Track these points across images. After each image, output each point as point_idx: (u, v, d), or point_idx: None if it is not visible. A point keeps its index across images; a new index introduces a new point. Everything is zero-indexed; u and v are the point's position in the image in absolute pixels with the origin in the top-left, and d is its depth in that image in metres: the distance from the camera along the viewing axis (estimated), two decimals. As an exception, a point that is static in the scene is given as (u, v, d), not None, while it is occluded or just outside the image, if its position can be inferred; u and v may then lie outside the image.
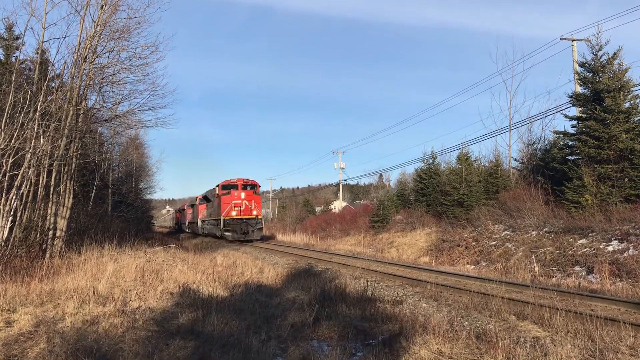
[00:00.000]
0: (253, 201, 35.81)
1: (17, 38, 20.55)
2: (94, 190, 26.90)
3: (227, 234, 34.75)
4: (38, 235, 14.01)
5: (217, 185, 37.92)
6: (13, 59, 20.22)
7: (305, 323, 7.56)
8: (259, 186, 38.14)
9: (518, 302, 9.60)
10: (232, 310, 8.23)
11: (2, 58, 21.39)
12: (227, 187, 36.37)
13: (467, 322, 8.24)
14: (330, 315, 8.21)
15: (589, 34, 22.36)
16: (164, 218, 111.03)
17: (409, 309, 9.46)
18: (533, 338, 7.02)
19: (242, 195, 35.53)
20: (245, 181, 36.99)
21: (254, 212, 35.39)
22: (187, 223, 62.30)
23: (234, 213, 34.66)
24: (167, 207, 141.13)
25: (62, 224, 15.51)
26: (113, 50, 17.00)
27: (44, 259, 13.06)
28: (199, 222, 48.47)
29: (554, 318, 7.78)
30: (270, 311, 8.60)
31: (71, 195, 16.17)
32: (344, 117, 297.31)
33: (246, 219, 34.88)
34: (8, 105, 12.52)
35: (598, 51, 19.73)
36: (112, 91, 18.52)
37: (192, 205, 58.24)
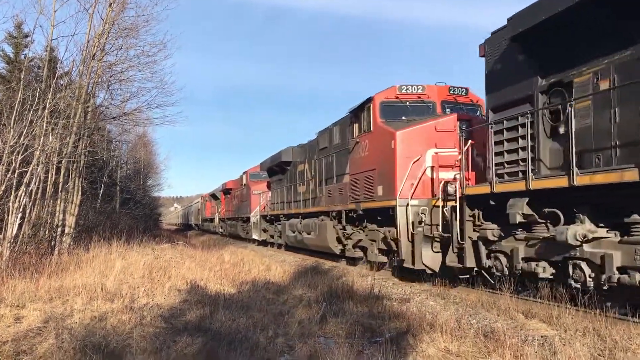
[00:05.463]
0: None
1: (26, 36, 20.64)
2: (102, 188, 27.07)
3: None
4: (47, 232, 14.09)
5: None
6: (22, 57, 20.33)
7: (313, 320, 7.56)
8: None
9: (526, 301, 9.54)
10: (240, 307, 8.24)
11: (11, 56, 21.51)
12: None
13: (474, 321, 8.20)
14: (337, 312, 8.20)
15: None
16: (173, 215, 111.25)
17: (416, 307, 9.41)
18: (541, 337, 6.96)
19: None
20: None
21: None
22: (250, 220, 29.58)
23: None
24: (175, 204, 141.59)
25: (70, 220, 15.59)
26: (121, 48, 17.10)
27: (52, 255, 13.14)
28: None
29: (563, 316, 7.71)
30: (278, 308, 8.60)
31: (79, 193, 16.26)
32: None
33: None
34: (17, 102, 12.60)
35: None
36: (120, 89, 18.62)
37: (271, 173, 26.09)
